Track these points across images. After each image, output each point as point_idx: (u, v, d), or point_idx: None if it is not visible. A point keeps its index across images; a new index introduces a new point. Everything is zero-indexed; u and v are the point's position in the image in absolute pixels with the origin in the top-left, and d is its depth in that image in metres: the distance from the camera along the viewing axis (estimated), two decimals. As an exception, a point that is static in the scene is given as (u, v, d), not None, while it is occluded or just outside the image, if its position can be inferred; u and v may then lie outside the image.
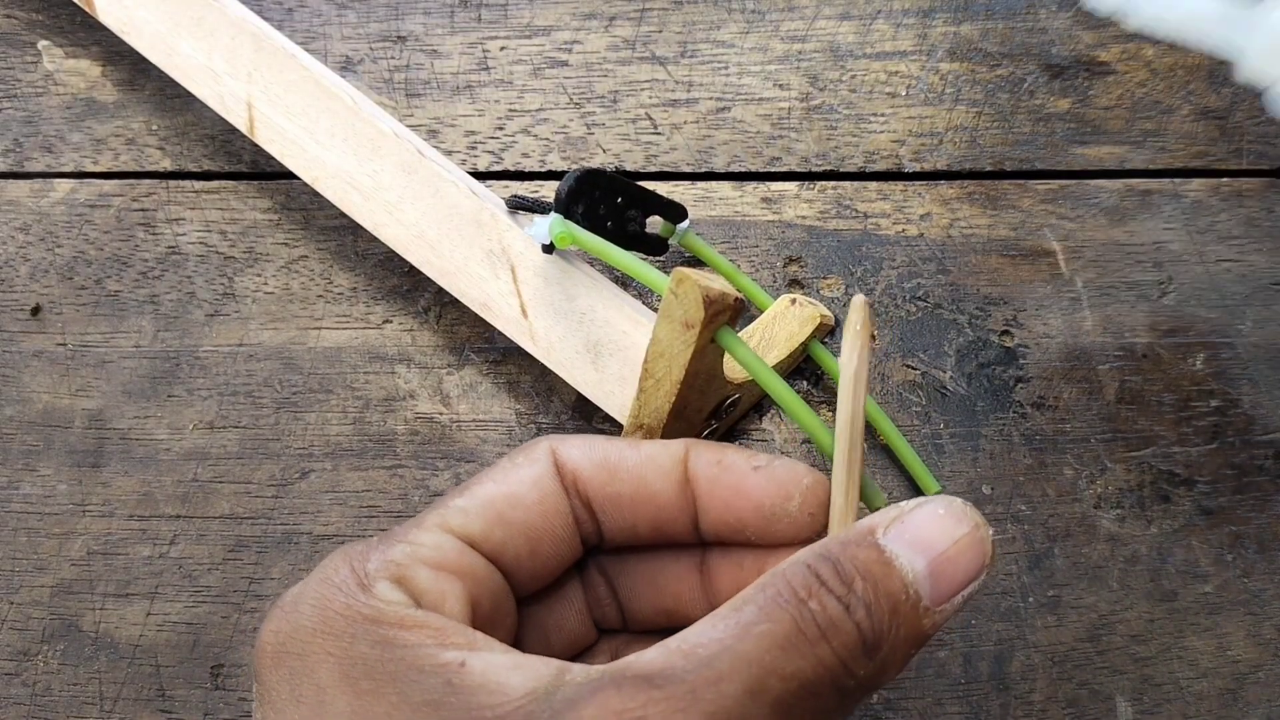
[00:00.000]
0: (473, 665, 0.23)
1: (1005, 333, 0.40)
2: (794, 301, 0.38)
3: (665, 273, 0.31)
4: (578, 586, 0.30)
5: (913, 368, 0.40)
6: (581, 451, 0.28)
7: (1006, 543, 0.37)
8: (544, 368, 0.37)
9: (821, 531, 0.28)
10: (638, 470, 0.28)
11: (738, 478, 0.27)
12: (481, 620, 0.26)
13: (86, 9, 0.44)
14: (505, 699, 0.22)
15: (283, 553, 0.38)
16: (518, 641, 0.28)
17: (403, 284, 0.41)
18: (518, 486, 0.27)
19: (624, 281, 0.40)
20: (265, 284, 0.42)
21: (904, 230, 0.41)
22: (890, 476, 0.38)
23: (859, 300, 0.27)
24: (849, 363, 0.27)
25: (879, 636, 0.23)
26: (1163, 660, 0.36)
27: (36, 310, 0.42)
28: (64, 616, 0.38)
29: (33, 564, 0.38)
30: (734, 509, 0.28)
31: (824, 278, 0.41)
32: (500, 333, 0.38)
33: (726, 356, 0.31)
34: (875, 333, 0.28)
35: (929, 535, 0.24)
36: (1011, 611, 0.37)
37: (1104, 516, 0.38)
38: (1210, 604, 0.37)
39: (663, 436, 0.33)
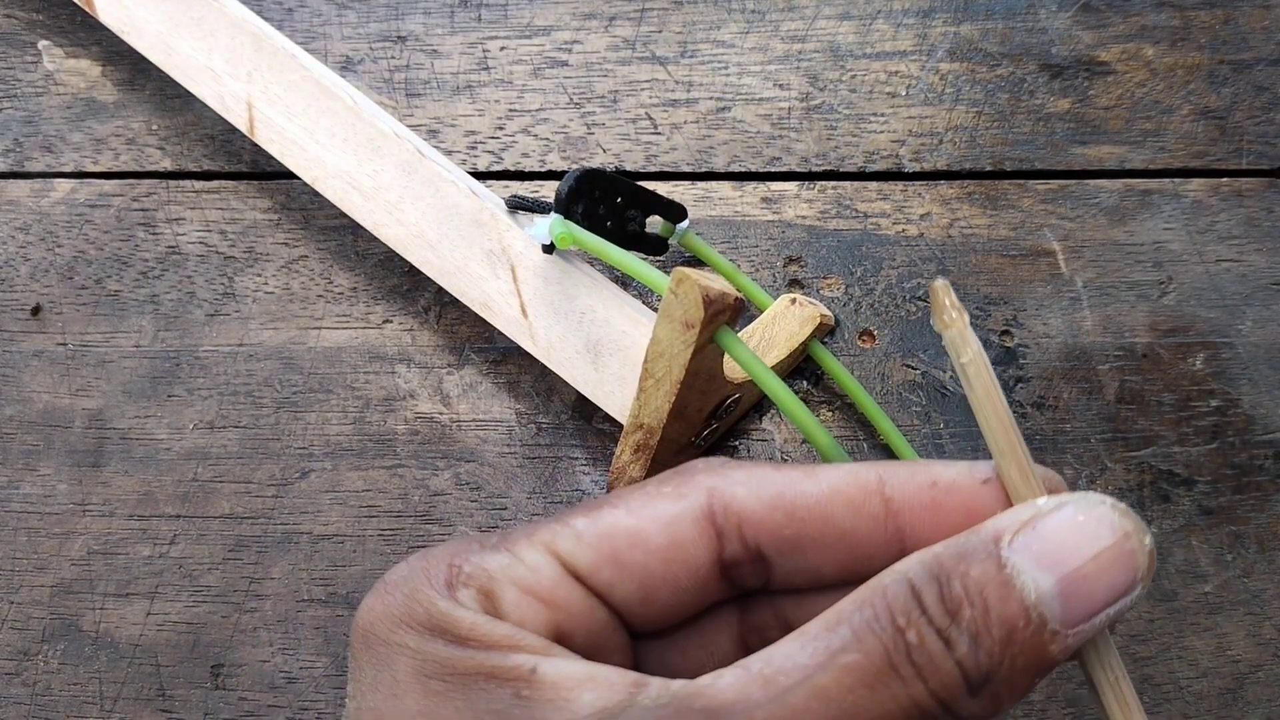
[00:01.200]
0: (544, 673, 0.21)
1: (1005, 333, 0.40)
2: (794, 301, 0.38)
3: (665, 273, 0.31)
4: (733, 621, 0.27)
5: (913, 368, 0.40)
6: (749, 490, 0.25)
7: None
8: (544, 367, 0.37)
9: None
10: (822, 509, 0.24)
11: (966, 499, 0.23)
12: (580, 650, 0.24)
13: (86, 9, 0.44)
14: (572, 716, 0.21)
15: (283, 553, 0.38)
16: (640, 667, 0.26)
17: (403, 284, 0.41)
18: (648, 524, 0.24)
19: (624, 281, 0.40)
20: (265, 284, 0.42)
21: (904, 230, 0.41)
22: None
23: (940, 283, 0.23)
24: (967, 344, 0.23)
25: (988, 672, 0.20)
26: (1163, 660, 0.36)
27: (36, 310, 0.42)
28: (64, 616, 0.38)
29: (33, 564, 0.38)
30: None
31: (824, 278, 0.41)
32: (500, 333, 0.38)
33: (726, 356, 0.31)
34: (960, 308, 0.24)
35: (1063, 546, 0.21)
36: (1011, 611, 0.37)
37: (1104, 516, 0.38)
38: (1210, 604, 0.37)
39: (663, 437, 0.33)
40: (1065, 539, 0.21)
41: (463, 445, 0.39)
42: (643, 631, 0.25)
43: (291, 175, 0.40)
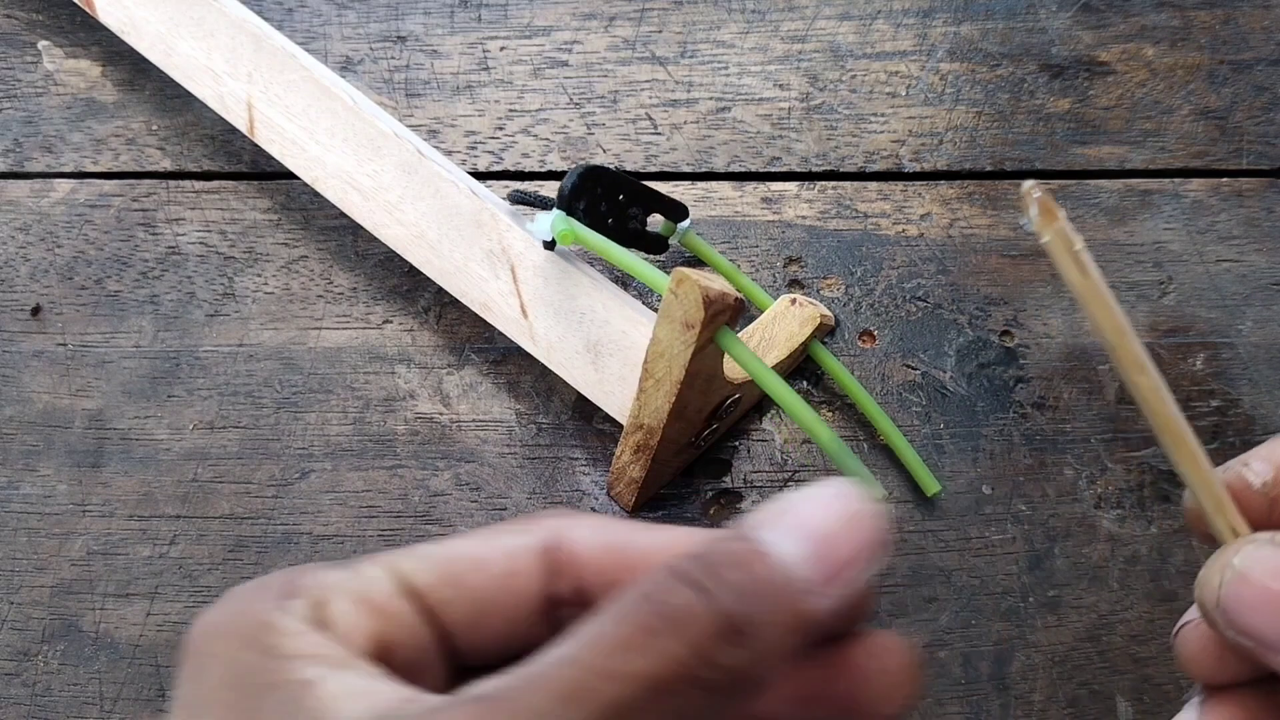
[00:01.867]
0: (326, 687, 0.22)
1: (1005, 333, 0.40)
2: (794, 301, 0.38)
3: (666, 272, 0.31)
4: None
5: (913, 368, 0.40)
6: (590, 532, 0.26)
7: (1006, 543, 0.37)
8: (544, 368, 0.37)
9: None
10: (656, 558, 0.26)
11: None
12: (398, 668, 0.25)
13: (87, 9, 0.44)
14: (327, 713, 0.21)
15: (283, 553, 0.38)
16: None
17: (403, 284, 0.41)
18: (490, 550, 0.26)
19: (624, 281, 0.40)
20: (265, 284, 0.42)
21: (904, 230, 0.41)
22: (890, 476, 0.38)
23: (1030, 185, 0.23)
24: (1076, 236, 0.24)
25: (745, 617, 0.21)
26: (1163, 660, 0.36)
27: (36, 310, 0.42)
28: (64, 616, 0.38)
29: (33, 564, 0.38)
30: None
31: (824, 278, 0.41)
32: (500, 333, 0.38)
33: (727, 356, 0.31)
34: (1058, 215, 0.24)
35: (811, 516, 0.23)
36: (1011, 611, 0.37)
37: (1104, 516, 0.38)
38: (1210, 604, 0.37)
39: (663, 437, 0.33)
40: (811, 511, 0.23)
41: (463, 445, 0.39)
42: (473, 660, 0.26)
43: (291, 175, 0.40)
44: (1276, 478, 0.25)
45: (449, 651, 0.26)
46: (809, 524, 0.23)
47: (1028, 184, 0.23)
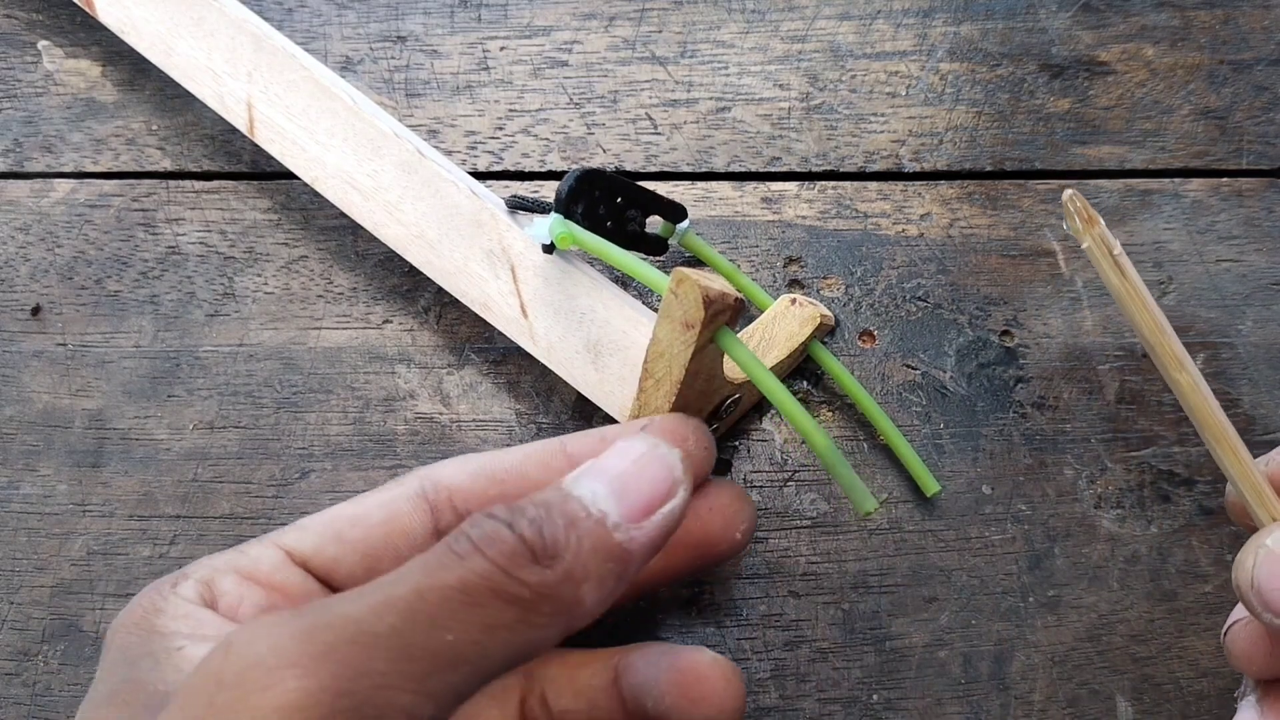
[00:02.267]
0: (189, 650, 0.24)
1: (1005, 333, 0.40)
2: (794, 301, 0.38)
3: (665, 273, 0.31)
4: (515, 691, 0.30)
5: (913, 368, 0.40)
6: (456, 467, 0.29)
7: (1006, 543, 0.37)
8: (544, 368, 0.37)
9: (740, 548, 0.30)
10: (518, 469, 0.29)
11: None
12: None
13: (86, 9, 0.44)
14: (183, 675, 0.23)
15: (283, 553, 0.38)
16: None
17: (403, 284, 0.41)
18: (367, 506, 0.28)
19: (624, 281, 0.40)
20: (265, 284, 0.42)
21: (904, 230, 0.41)
22: (890, 476, 0.38)
23: (1069, 194, 0.25)
24: (1115, 241, 0.26)
25: (553, 543, 0.23)
26: (1163, 660, 0.36)
27: (36, 310, 0.42)
28: (64, 616, 0.38)
29: (33, 564, 0.38)
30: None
31: (824, 278, 0.41)
32: (500, 333, 0.38)
33: (727, 356, 0.31)
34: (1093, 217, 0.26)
35: (609, 462, 0.25)
36: (1011, 611, 0.37)
37: (1104, 516, 0.38)
38: (1210, 604, 0.37)
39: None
40: (611, 458, 0.25)
41: (463, 446, 0.39)
42: None
43: (291, 175, 0.40)
44: None
45: None
46: (608, 467, 0.25)
47: (1067, 193, 0.25)
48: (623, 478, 0.25)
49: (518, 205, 0.37)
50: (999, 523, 0.38)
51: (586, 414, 0.39)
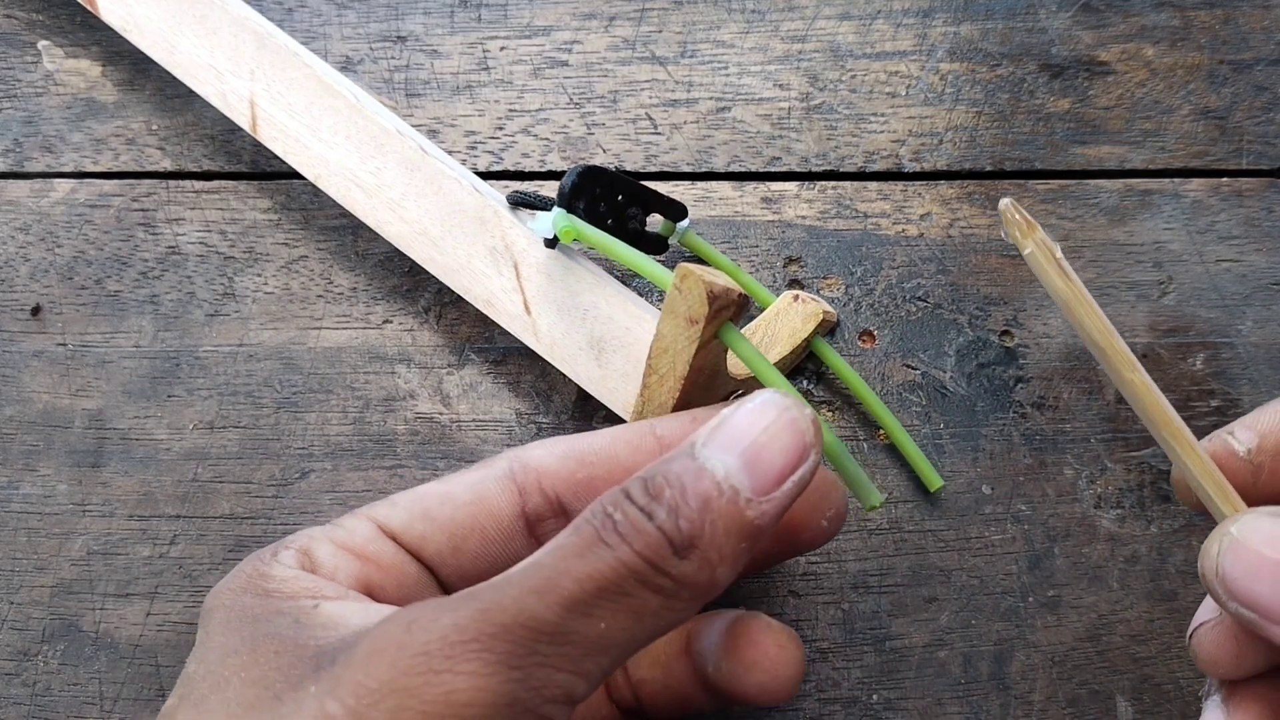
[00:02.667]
0: (325, 608, 0.25)
1: (1005, 333, 0.40)
2: (796, 298, 0.38)
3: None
4: None
5: (913, 368, 0.40)
6: (544, 450, 0.29)
7: (1006, 543, 0.37)
8: (544, 367, 0.37)
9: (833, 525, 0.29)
10: (607, 451, 0.29)
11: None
12: (388, 602, 0.27)
13: (89, 8, 0.44)
14: (336, 634, 0.24)
15: (283, 552, 0.38)
16: None
17: (403, 284, 0.41)
18: (456, 486, 0.29)
19: (626, 278, 0.40)
20: (265, 284, 0.42)
21: (904, 230, 0.41)
22: (892, 475, 0.38)
23: (1006, 203, 0.25)
24: (1065, 280, 0.25)
25: (691, 534, 0.23)
26: (1163, 660, 0.36)
27: (36, 310, 0.42)
28: (64, 616, 0.38)
29: (33, 564, 0.38)
30: None
31: (824, 278, 0.41)
32: (500, 333, 0.38)
33: (730, 352, 0.31)
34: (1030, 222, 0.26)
35: (739, 429, 0.24)
36: (1011, 611, 0.37)
37: (1104, 516, 0.38)
38: (1211, 603, 0.37)
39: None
40: (740, 424, 0.25)
41: (463, 445, 0.39)
42: (458, 585, 0.28)
43: (291, 175, 0.40)
44: (1260, 445, 0.26)
45: (439, 585, 0.29)
46: (738, 435, 0.24)
47: (1004, 202, 0.25)
48: (755, 448, 0.24)
49: (519, 202, 0.37)
50: (999, 523, 0.38)
51: (587, 413, 0.39)
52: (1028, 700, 0.36)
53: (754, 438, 0.24)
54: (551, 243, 0.35)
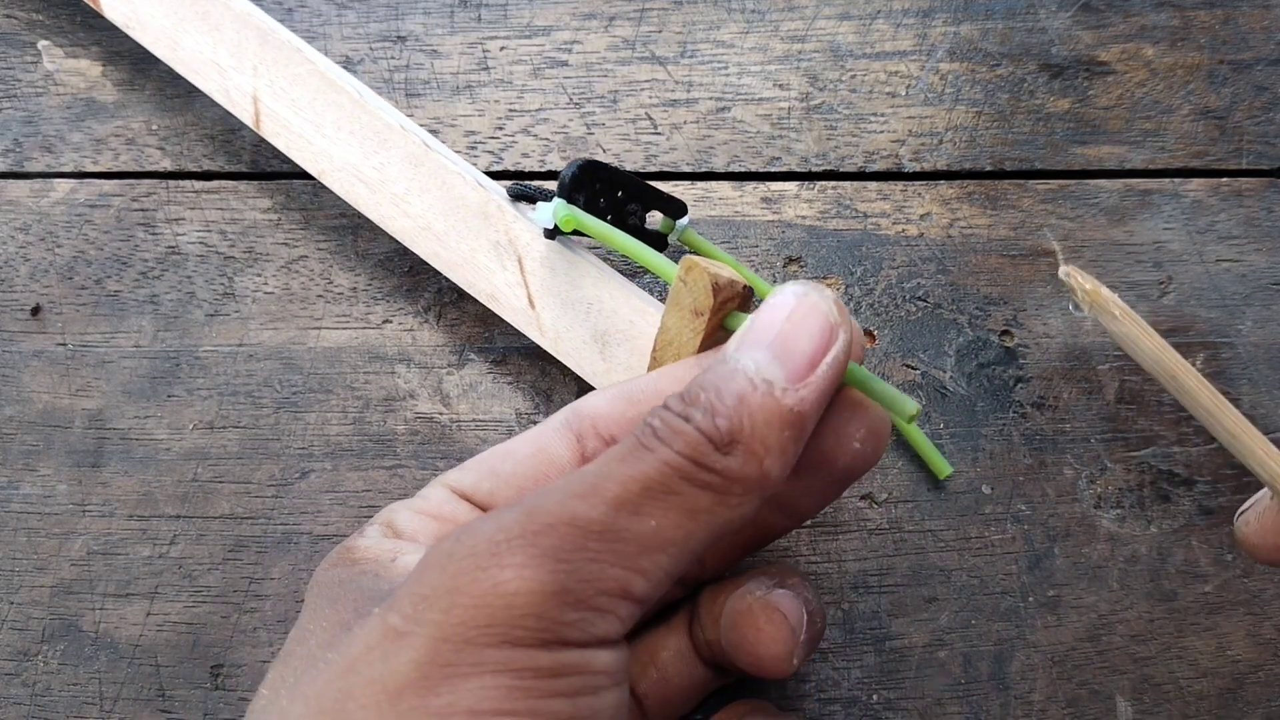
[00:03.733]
0: (402, 560, 0.26)
1: (1005, 333, 0.40)
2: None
3: (666, 271, 0.31)
4: (684, 618, 0.32)
5: (913, 368, 0.40)
6: (597, 397, 0.30)
7: (1006, 543, 0.37)
8: (544, 367, 0.37)
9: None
10: (655, 388, 0.30)
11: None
12: None
13: (92, 5, 0.43)
14: (407, 572, 0.25)
15: (283, 553, 0.38)
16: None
17: (403, 284, 0.41)
18: (516, 444, 0.30)
19: (630, 272, 0.40)
20: (265, 284, 0.42)
21: (904, 230, 0.41)
22: (893, 474, 0.38)
23: (1066, 271, 0.26)
24: (1117, 303, 0.26)
25: (730, 431, 0.24)
26: (1163, 660, 0.36)
27: (36, 310, 0.42)
28: (64, 616, 0.38)
29: (33, 564, 0.38)
30: None
31: (824, 278, 0.41)
32: (500, 332, 0.38)
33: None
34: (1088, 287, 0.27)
35: (763, 324, 0.25)
36: (1011, 611, 0.37)
37: (1104, 516, 0.38)
38: (1210, 604, 0.37)
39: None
40: (764, 320, 0.25)
41: (463, 445, 0.39)
42: None
43: (292, 175, 0.40)
44: None
45: None
46: (764, 329, 0.25)
47: (1063, 270, 0.26)
48: (781, 338, 0.25)
49: (519, 194, 0.37)
50: (999, 523, 0.38)
51: (587, 413, 0.39)
52: (1028, 700, 0.36)
53: (779, 329, 0.25)
54: (552, 233, 0.35)
